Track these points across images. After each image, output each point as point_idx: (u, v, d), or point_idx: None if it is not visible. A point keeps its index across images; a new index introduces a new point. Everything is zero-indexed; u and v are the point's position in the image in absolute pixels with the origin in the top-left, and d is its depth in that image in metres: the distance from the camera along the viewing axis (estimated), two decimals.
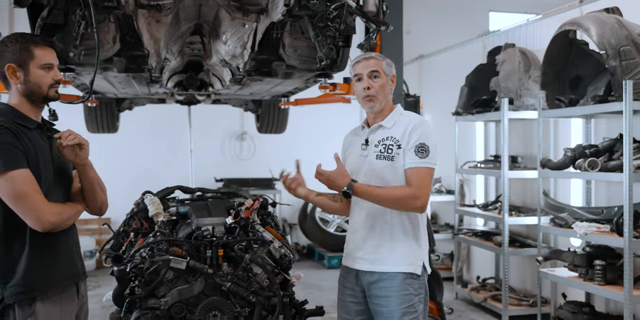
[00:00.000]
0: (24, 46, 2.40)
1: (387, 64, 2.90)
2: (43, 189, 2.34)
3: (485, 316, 5.73)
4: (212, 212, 3.24)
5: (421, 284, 2.80)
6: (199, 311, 2.90)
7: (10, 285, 2.30)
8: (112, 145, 7.85)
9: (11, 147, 2.27)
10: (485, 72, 5.93)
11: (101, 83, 4.85)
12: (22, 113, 2.44)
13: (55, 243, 2.40)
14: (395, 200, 2.68)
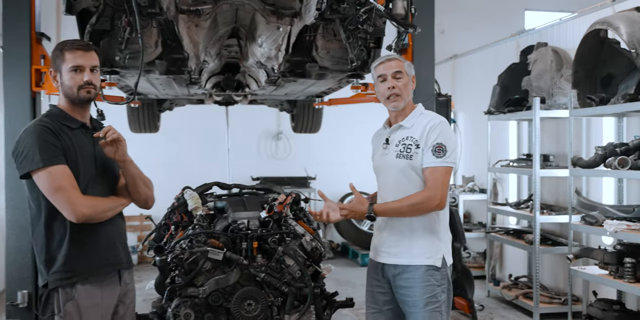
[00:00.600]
0: (59, 51, 2.62)
1: (408, 65, 3.01)
2: (83, 184, 2.54)
3: (516, 314, 5.77)
4: (248, 206, 3.41)
5: (443, 275, 2.91)
6: (234, 300, 3.08)
7: (53, 271, 2.51)
8: (154, 145, 8.14)
9: (50, 145, 2.46)
10: (518, 71, 5.96)
11: (143, 85, 5.08)
12: (67, 113, 2.64)
13: (94, 233, 2.57)
14: (413, 207, 2.81)
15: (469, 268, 5.74)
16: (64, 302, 2.49)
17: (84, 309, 2.51)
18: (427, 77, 5.37)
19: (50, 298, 2.51)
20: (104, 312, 2.59)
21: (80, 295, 2.51)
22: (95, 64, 2.65)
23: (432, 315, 2.85)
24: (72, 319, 2.49)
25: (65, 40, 2.69)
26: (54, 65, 2.63)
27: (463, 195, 7.23)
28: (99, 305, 2.56)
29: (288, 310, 3.15)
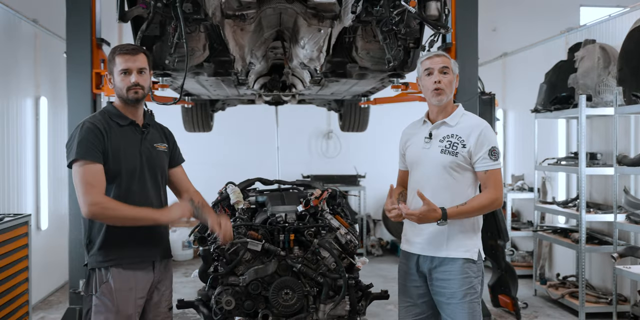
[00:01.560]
0: (112, 56, 2.87)
1: (454, 63, 3.09)
2: (127, 177, 2.77)
3: (562, 313, 5.73)
4: (286, 201, 3.59)
5: (479, 267, 2.99)
6: (272, 289, 3.26)
7: (91, 254, 2.77)
8: (207, 144, 8.46)
9: (90, 142, 2.70)
10: (565, 69, 5.91)
11: (195, 86, 5.34)
12: (119, 111, 2.88)
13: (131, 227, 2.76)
14: (483, 208, 2.95)
15: (512, 266, 5.74)
16: (100, 284, 2.73)
17: (116, 292, 2.72)
18: (470, 76, 5.42)
19: (90, 279, 2.76)
20: (137, 297, 2.78)
21: (114, 279, 2.73)
22: (142, 67, 2.85)
23: (471, 306, 2.94)
24: (106, 300, 2.72)
25: (116, 46, 2.94)
26: (108, 68, 2.89)
27: (512, 193, 7.19)
28: (131, 290, 2.76)
29: (323, 299, 3.31)
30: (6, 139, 5.50)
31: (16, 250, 4.23)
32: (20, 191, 5.78)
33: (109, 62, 2.88)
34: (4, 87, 5.46)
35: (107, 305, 2.72)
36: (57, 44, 6.45)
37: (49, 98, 6.41)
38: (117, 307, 2.73)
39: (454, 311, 2.94)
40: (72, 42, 5.02)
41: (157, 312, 2.94)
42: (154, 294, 2.91)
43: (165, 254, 2.99)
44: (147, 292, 2.86)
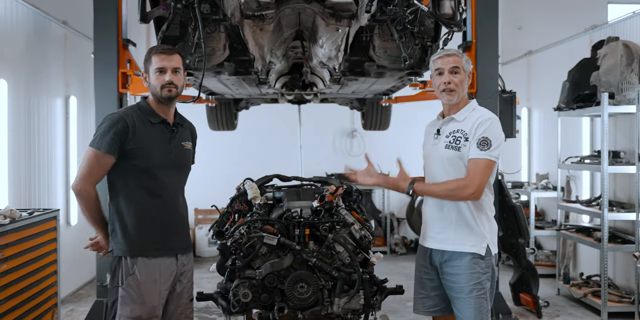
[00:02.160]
0: (148, 55, 3.01)
1: (466, 60, 3.11)
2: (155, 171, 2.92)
3: (584, 312, 5.69)
4: (302, 196, 3.66)
5: (488, 264, 3.02)
6: (288, 282, 3.32)
7: (116, 242, 2.91)
8: (231, 142, 8.59)
9: (110, 135, 2.84)
10: (588, 67, 5.86)
11: (217, 85, 5.46)
12: (151, 109, 3.01)
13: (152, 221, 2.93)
14: (449, 191, 2.98)
15: (534, 265, 5.73)
16: (126, 276, 2.85)
17: (142, 284, 2.85)
18: (491, 74, 5.44)
19: (117, 271, 2.88)
20: (161, 289, 2.91)
21: (140, 271, 2.85)
22: (177, 66, 2.98)
23: (478, 301, 2.98)
24: (132, 291, 2.84)
25: (153, 46, 3.10)
26: (145, 67, 3.02)
27: (535, 192, 7.15)
28: (156, 282, 2.89)
29: (338, 293, 3.37)
30: (37, 136, 5.69)
31: (45, 244, 4.39)
32: (51, 187, 5.98)
33: (145, 61, 3.01)
34: (35, 86, 5.66)
35: (132, 297, 2.84)
36: (85, 44, 6.64)
37: (78, 97, 6.61)
38: (143, 298, 2.85)
39: (462, 306, 2.99)
40: (99, 43, 5.18)
41: (179, 303, 3.06)
42: (177, 286, 3.03)
43: (187, 247, 3.12)
44: (171, 284, 2.98)
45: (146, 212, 2.93)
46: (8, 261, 3.82)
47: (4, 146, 4.96)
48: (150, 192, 2.94)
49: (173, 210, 3.02)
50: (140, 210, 2.92)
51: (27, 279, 4.09)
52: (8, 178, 5.03)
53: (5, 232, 3.80)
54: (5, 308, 3.77)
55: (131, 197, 2.91)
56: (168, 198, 3.00)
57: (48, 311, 4.43)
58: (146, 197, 2.93)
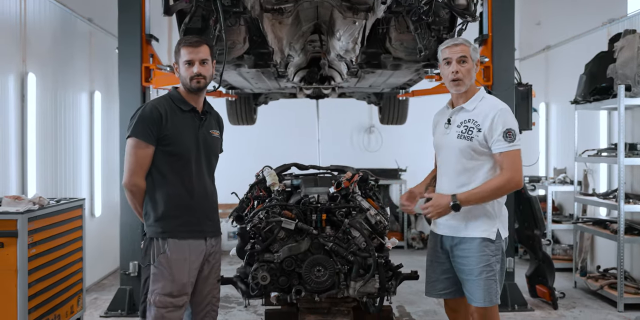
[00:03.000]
0: (177, 47, 3.14)
1: (474, 49, 3.16)
2: (184, 158, 3.05)
3: (600, 304, 5.71)
4: (319, 183, 3.77)
5: (497, 247, 3.09)
6: (305, 266, 3.44)
7: (148, 225, 3.05)
8: (250, 136, 8.73)
9: (147, 122, 2.98)
10: (606, 60, 5.88)
11: (237, 79, 5.58)
12: (181, 97, 3.14)
13: (185, 207, 3.04)
14: (498, 190, 3.04)
15: (550, 256, 5.76)
16: (157, 254, 2.99)
17: (173, 262, 2.98)
18: (506, 67, 5.49)
19: (148, 250, 3.03)
20: (190, 267, 3.03)
21: (170, 250, 2.99)
22: (204, 58, 3.09)
23: (487, 283, 3.05)
24: (163, 269, 2.98)
25: (182, 38, 3.24)
26: (175, 59, 3.15)
27: (553, 186, 7.17)
28: (186, 260, 3.01)
29: (354, 277, 3.48)
30: (64, 129, 5.87)
31: (72, 231, 4.55)
32: (76, 180, 6.16)
33: (175, 53, 3.13)
34: (62, 81, 5.83)
35: (164, 274, 2.98)
36: (110, 41, 6.81)
37: (103, 92, 6.78)
38: (173, 276, 2.98)
39: (472, 287, 3.07)
40: (123, 38, 5.34)
41: (207, 283, 3.18)
42: (205, 266, 3.14)
43: (216, 231, 3.22)
44: (200, 263, 3.10)
45: (178, 197, 3.04)
46: (37, 246, 3.98)
47: (33, 138, 5.13)
48: (181, 178, 3.05)
49: (203, 195, 3.14)
50: (172, 195, 3.04)
51: (54, 264, 4.25)
52: (36, 169, 5.21)
53: (34, 218, 3.95)
54: (33, 291, 3.93)
55: (163, 182, 3.03)
56: (198, 184, 3.11)
57: (74, 296, 4.60)
58: (178, 182, 3.05)
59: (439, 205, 3.03)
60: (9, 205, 3.95)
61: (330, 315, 3.66)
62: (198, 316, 3.19)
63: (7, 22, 4.85)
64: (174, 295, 2.98)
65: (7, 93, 4.81)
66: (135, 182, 3.02)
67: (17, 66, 4.97)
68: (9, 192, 4.66)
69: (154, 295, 2.98)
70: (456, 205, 3.00)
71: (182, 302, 3.03)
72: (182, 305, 3.03)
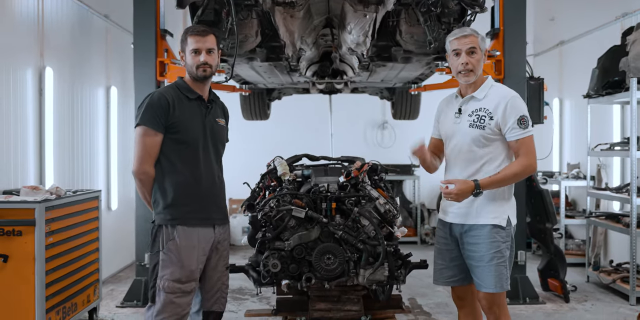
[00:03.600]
0: (184, 36, 3.18)
1: (482, 39, 3.18)
2: (192, 145, 3.09)
3: (613, 297, 5.70)
4: (329, 173, 3.82)
5: (507, 233, 3.13)
6: (315, 254, 3.50)
7: (157, 212, 3.10)
8: (264, 131, 8.80)
9: (156, 112, 3.02)
10: (618, 53, 5.85)
11: (250, 73, 5.66)
12: (188, 86, 3.18)
13: (193, 195, 3.09)
14: (516, 175, 3.08)
15: (561, 250, 5.77)
16: (166, 241, 3.04)
17: (182, 248, 3.03)
18: (518, 61, 5.50)
19: (157, 237, 3.08)
20: (199, 254, 3.09)
21: (179, 237, 3.04)
22: (211, 47, 3.14)
23: (498, 269, 3.08)
24: (172, 255, 3.03)
25: (189, 27, 3.28)
26: (181, 48, 3.19)
27: (566, 181, 7.16)
28: (194, 247, 3.07)
29: (363, 265, 3.52)
30: (81, 123, 5.99)
31: (88, 221, 4.65)
32: (93, 174, 6.27)
33: (182, 41, 3.17)
34: (78, 76, 5.95)
35: (172, 260, 3.03)
36: (126, 38, 6.91)
37: (119, 88, 6.90)
38: (182, 262, 3.03)
39: (482, 273, 3.09)
40: (138, 34, 5.43)
41: (216, 271, 3.24)
42: (213, 254, 3.20)
43: (224, 218, 3.29)
44: (208, 250, 3.15)
45: (186, 185, 3.09)
46: (54, 234, 4.08)
47: (50, 131, 5.24)
48: (189, 166, 3.10)
49: (211, 183, 3.19)
50: (181, 182, 3.08)
51: (71, 253, 4.34)
52: (53, 162, 5.32)
53: (52, 207, 4.05)
54: (50, 278, 4.02)
55: (172, 170, 3.08)
56: (206, 171, 3.17)
57: (90, 286, 4.70)
58: (186, 170, 3.09)
59: (464, 192, 3.05)
60: (27, 195, 4.06)
61: (340, 303, 3.71)
62: (208, 302, 3.25)
63: (26, 18, 4.96)
64: (182, 281, 3.04)
65: (26, 86, 4.92)
66: (144, 170, 3.06)
67: (35, 60, 5.09)
68: (27, 184, 4.76)
69: (163, 280, 3.03)
70: (479, 193, 3.04)
71: (190, 288, 3.08)
72: (191, 291, 3.09)
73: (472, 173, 3.15)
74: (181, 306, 3.06)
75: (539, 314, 5.19)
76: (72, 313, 4.36)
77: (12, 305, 3.85)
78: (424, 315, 5.15)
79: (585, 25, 7.61)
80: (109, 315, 5.17)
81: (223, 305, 3.31)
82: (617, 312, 5.24)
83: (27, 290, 3.87)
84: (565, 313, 5.21)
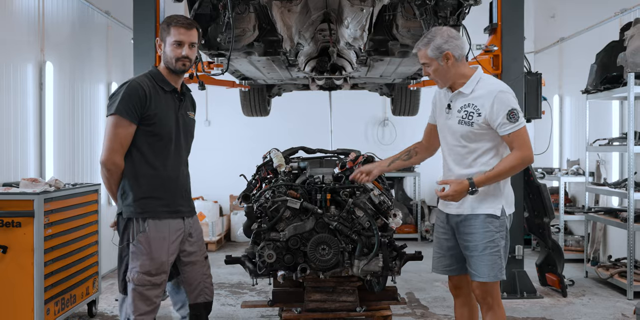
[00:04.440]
0: (166, 25, 3.07)
1: (433, 48, 3.08)
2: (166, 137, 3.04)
3: (610, 292, 5.71)
4: (324, 164, 3.85)
5: (501, 223, 3.14)
6: (310, 244, 3.53)
7: (126, 204, 3.02)
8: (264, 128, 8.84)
9: (133, 100, 2.92)
10: (617, 49, 5.87)
11: (249, 68, 5.69)
12: (163, 77, 3.10)
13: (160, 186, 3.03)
14: (512, 168, 3.09)
15: (559, 244, 5.78)
16: (136, 233, 2.99)
17: (152, 240, 3.00)
18: (515, 56, 5.52)
19: (127, 229, 3.02)
20: (169, 246, 3.06)
21: (150, 229, 3.00)
22: (194, 41, 3.08)
23: (492, 258, 3.10)
24: (142, 247, 2.99)
25: (172, 16, 3.14)
26: (161, 36, 3.08)
27: (565, 177, 7.17)
28: (165, 239, 3.03)
29: (357, 256, 3.55)
30: (81, 118, 6.04)
31: (87, 214, 4.69)
32: (93, 168, 6.32)
33: (162, 30, 3.07)
34: (79, 72, 6.00)
35: (142, 252, 2.98)
36: (126, 34, 6.96)
37: (120, 83, 6.92)
38: (152, 254, 2.99)
39: (476, 263, 3.12)
40: (138, 29, 5.46)
41: (194, 262, 3.22)
42: (187, 245, 3.17)
43: (191, 210, 3.25)
44: (179, 243, 3.12)
45: (157, 178, 3.04)
46: (53, 226, 4.12)
47: (50, 125, 5.29)
48: (160, 158, 3.05)
49: (180, 175, 3.16)
50: (152, 175, 3.03)
51: (70, 245, 4.39)
52: (53, 156, 5.36)
53: (51, 199, 4.09)
54: (49, 270, 4.06)
55: (143, 162, 3.01)
56: (176, 164, 3.13)
57: (89, 278, 4.74)
58: (157, 162, 3.04)
59: (459, 193, 3.07)
60: (26, 187, 4.11)
61: (335, 294, 3.74)
62: (193, 295, 3.23)
63: (27, 13, 5.01)
64: (152, 273, 3.01)
65: (26, 81, 4.97)
66: (114, 161, 2.97)
67: (36, 55, 5.13)
68: (27, 177, 4.80)
69: (133, 273, 3.00)
70: (474, 191, 3.06)
71: (161, 281, 3.05)
72: (161, 283, 3.05)
73: (468, 165, 3.16)
74: (150, 299, 3.03)
75: (536, 308, 5.21)
76: (71, 305, 4.41)
77: (11, 296, 3.89)
78: (421, 309, 5.17)
79: (584, 21, 7.62)
80: (108, 309, 5.21)
81: (209, 295, 3.29)
82: (614, 306, 5.26)
83: (26, 281, 3.92)
84: (562, 307, 5.23)
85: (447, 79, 3.15)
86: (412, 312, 5.06)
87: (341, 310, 3.71)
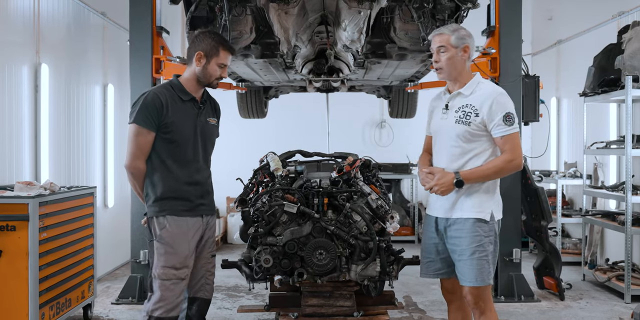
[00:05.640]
0: (216, 45, 3.29)
1: (457, 37, 3.14)
2: (184, 145, 3.24)
3: (608, 295, 5.70)
4: (322, 168, 3.83)
5: (490, 228, 3.14)
6: (307, 249, 3.51)
7: (149, 205, 3.25)
8: (261, 130, 8.80)
9: (149, 110, 3.16)
10: (614, 52, 5.87)
11: (246, 70, 5.65)
12: (184, 87, 3.31)
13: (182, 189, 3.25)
14: (500, 170, 3.11)
15: (557, 248, 5.76)
16: (159, 229, 3.19)
17: (174, 235, 3.19)
18: (513, 58, 5.50)
19: (150, 228, 3.24)
20: (190, 240, 3.24)
21: (170, 225, 3.19)
22: (228, 64, 3.37)
23: (479, 263, 3.10)
24: (165, 243, 3.18)
25: (222, 37, 3.44)
26: (205, 51, 3.26)
27: (563, 180, 7.16)
28: (185, 234, 3.22)
29: (355, 260, 3.53)
30: (76, 122, 5.99)
31: (83, 217, 4.65)
32: (89, 171, 6.28)
33: (209, 47, 3.26)
34: (75, 73, 5.96)
35: (166, 248, 3.18)
36: (123, 35, 6.92)
37: (116, 85, 6.90)
38: (175, 249, 3.18)
39: (464, 267, 3.11)
40: (134, 30, 5.44)
41: (200, 257, 3.38)
42: (199, 242, 3.34)
43: (211, 210, 3.42)
44: (199, 237, 3.29)
45: (175, 181, 3.25)
46: (48, 230, 4.08)
47: (45, 128, 5.25)
48: (179, 163, 3.26)
49: (198, 180, 3.33)
50: (170, 178, 3.24)
51: (65, 249, 4.35)
52: (49, 158, 5.32)
53: (45, 203, 4.05)
54: (44, 274, 4.03)
55: (162, 166, 3.24)
56: (195, 168, 3.32)
57: (85, 282, 4.70)
58: (175, 167, 3.25)
59: (444, 182, 3.09)
60: (21, 190, 4.07)
61: (332, 299, 3.71)
62: (193, 289, 3.39)
63: (22, 15, 4.97)
64: (177, 267, 3.18)
65: (21, 83, 4.93)
66: (136, 165, 3.22)
67: (31, 57, 5.09)
68: (22, 180, 4.77)
69: (158, 268, 3.17)
70: (459, 182, 3.07)
71: (184, 275, 3.22)
72: (184, 277, 3.22)
73: (459, 167, 3.16)
74: (176, 293, 3.19)
75: (533, 311, 5.19)
76: (66, 309, 4.37)
77: (6, 300, 3.85)
78: (418, 313, 5.15)
79: (582, 24, 7.61)
80: (103, 312, 5.18)
81: (209, 293, 3.44)
82: (611, 309, 5.24)
83: (20, 285, 3.88)
84: (560, 311, 5.21)
85: (456, 70, 3.17)
86: (410, 316, 5.04)
87: (338, 315, 3.68)
